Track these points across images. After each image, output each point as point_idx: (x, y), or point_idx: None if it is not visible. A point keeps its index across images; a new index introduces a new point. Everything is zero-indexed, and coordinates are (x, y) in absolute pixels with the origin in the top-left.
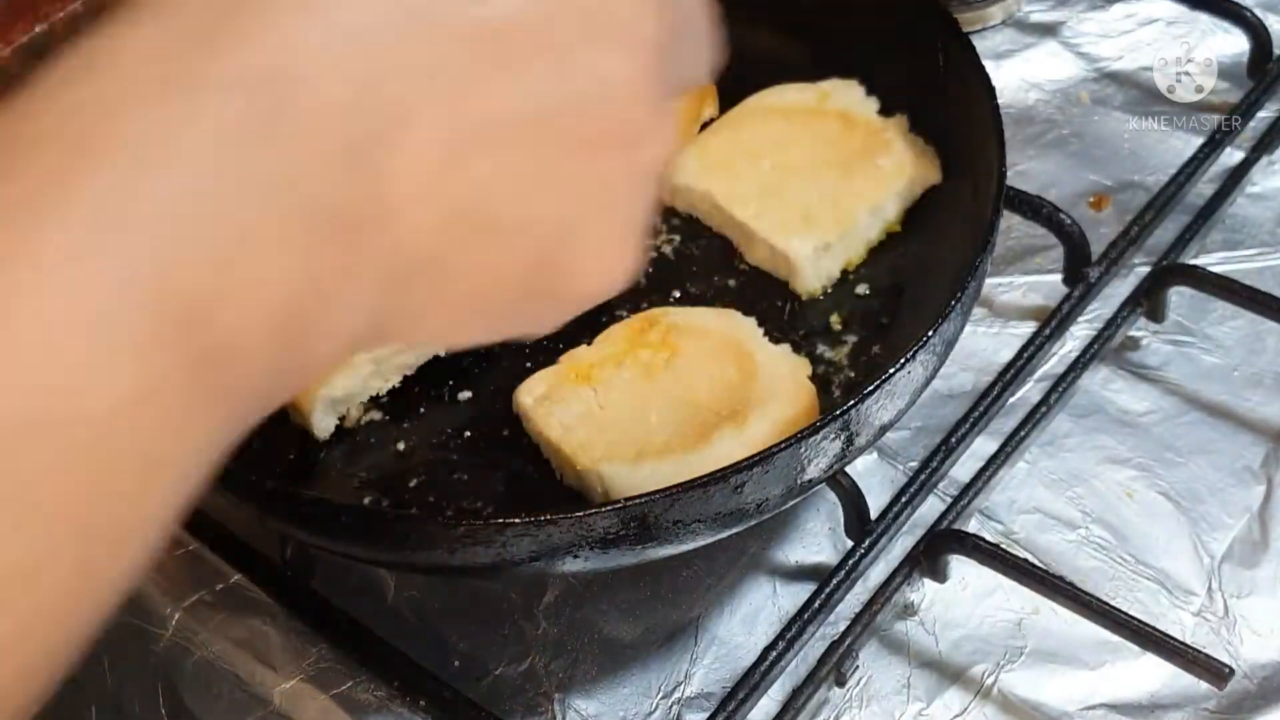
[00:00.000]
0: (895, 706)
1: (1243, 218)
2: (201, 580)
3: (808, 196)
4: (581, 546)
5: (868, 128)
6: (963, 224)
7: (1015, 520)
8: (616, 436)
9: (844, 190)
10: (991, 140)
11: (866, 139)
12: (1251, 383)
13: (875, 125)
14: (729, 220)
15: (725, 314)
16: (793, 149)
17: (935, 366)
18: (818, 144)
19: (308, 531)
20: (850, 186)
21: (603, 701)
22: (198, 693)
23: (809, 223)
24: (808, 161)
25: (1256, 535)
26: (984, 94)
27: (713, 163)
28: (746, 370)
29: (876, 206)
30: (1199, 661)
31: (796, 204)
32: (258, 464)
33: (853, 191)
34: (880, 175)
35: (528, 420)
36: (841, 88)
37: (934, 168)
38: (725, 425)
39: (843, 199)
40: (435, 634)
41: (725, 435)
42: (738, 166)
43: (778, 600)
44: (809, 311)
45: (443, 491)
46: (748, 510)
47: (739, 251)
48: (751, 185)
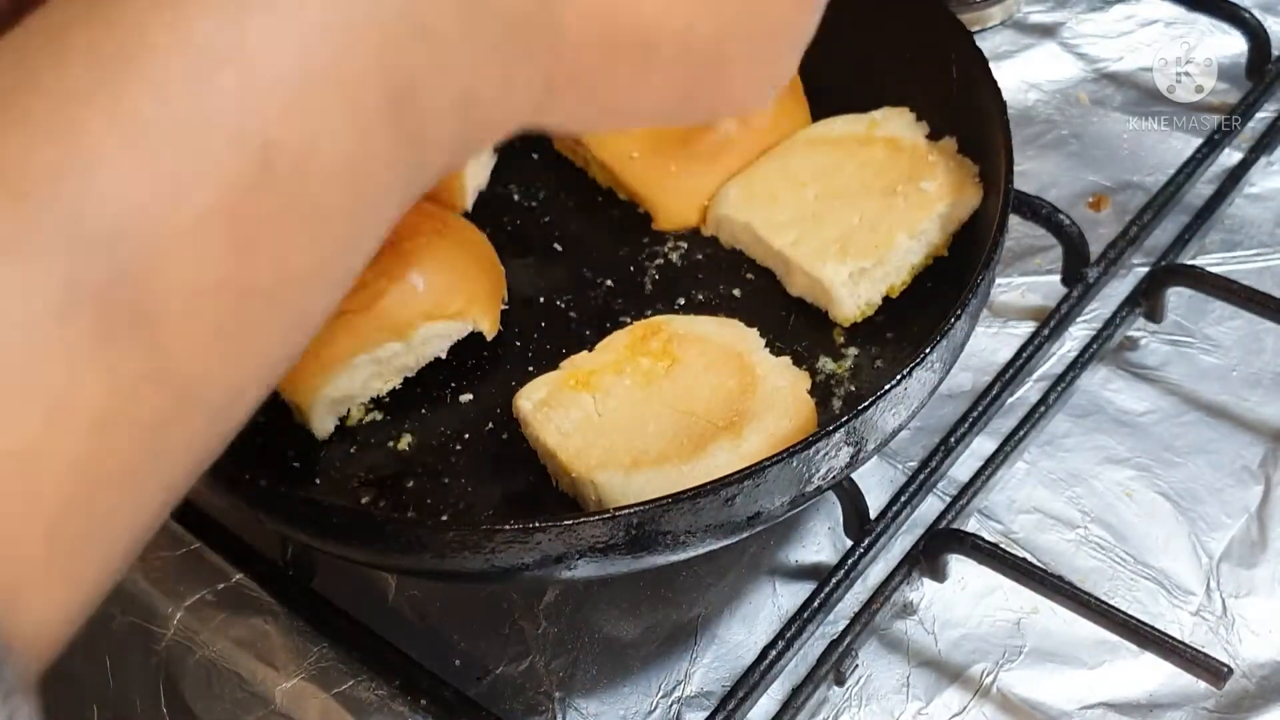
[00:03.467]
0: (894, 705)
1: (1241, 218)
2: (203, 580)
3: (848, 223)
4: (572, 555)
5: (914, 152)
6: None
7: (1014, 520)
8: (612, 444)
9: (885, 215)
10: (1001, 155)
11: (913, 163)
12: (1250, 383)
13: (922, 149)
14: (768, 251)
15: (728, 324)
16: (838, 177)
17: (936, 382)
18: (864, 171)
19: (301, 531)
20: (892, 211)
21: (603, 700)
22: (199, 692)
23: (845, 250)
24: (852, 189)
25: (1255, 535)
26: (995, 109)
27: (755, 194)
28: (746, 382)
29: (917, 230)
30: (1198, 661)
31: (835, 231)
32: (257, 463)
33: (894, 216)
34: (923, 199)
35: (526, 425)
36: (892, 115)
37: (978, 189)
38: (721, 437)
39: (882, 224)
40: (436, 633)
41: (721, 447)
42: (781, 196)
43: (777, 599)
44: (812, 323)
45: (440, 494)
46: (740, 521)
47: (750, 261)
48: (792, 214)
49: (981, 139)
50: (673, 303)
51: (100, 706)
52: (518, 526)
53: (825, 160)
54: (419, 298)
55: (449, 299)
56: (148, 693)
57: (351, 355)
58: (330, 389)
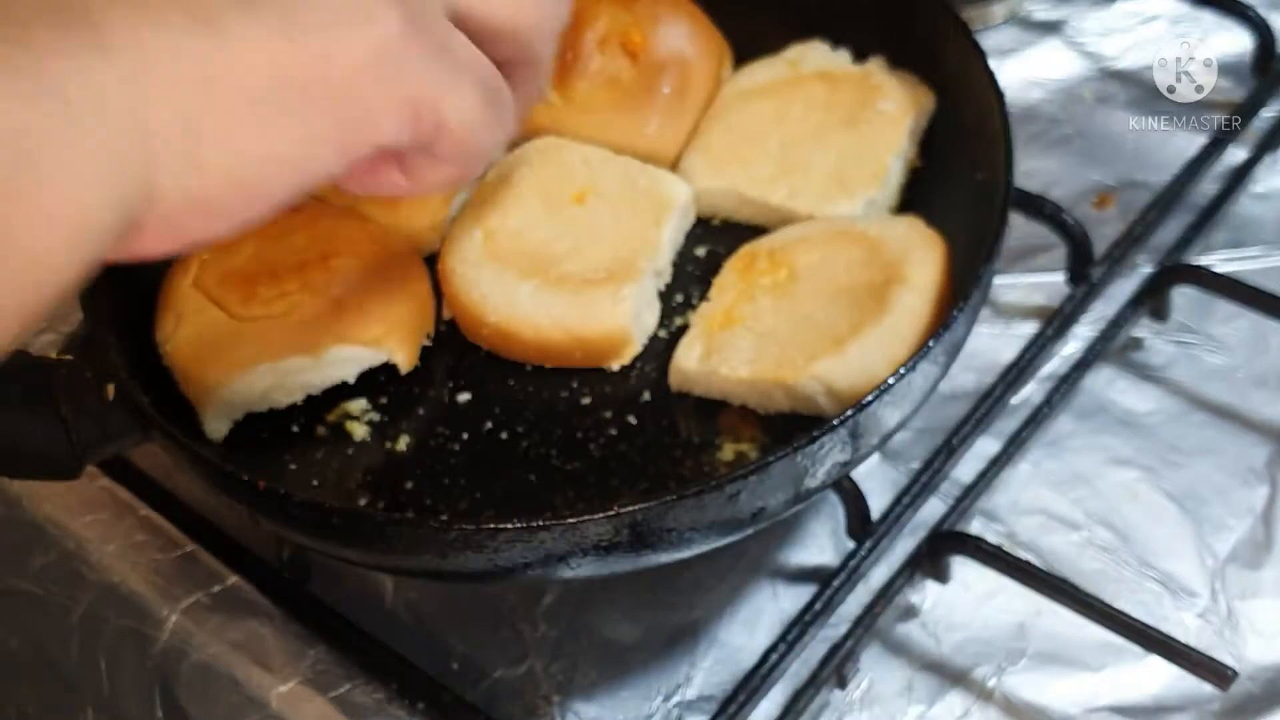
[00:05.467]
0: (897, 709)
1: (1246, 217)
2: (199, 582)
3: (830, 161)
4: (575, 553)
5: (854, 80)
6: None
7: (1018, 521)
8: (801, 342)
9: (862, 144)
10: (1000, 145)
11: (858, 91)
12: (1256, 383)
13: (857, 75)
14: (763, 208)
15: (809, 223)
16: (791, 122)
17: (939, 374)
18: (813, 111)
19: (300, 533)
20: (866, 139)
21: (602, 704)
22: (195, 695)
23: (845, 186)
24: (812, 129)
25: (1260, 537)
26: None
27: (720, 158)
28: (868, 245)
29: (898, 149)
30: (1202, 663)
31: (822, 173)
32: (253, 466)
33: (871, 143)
34: (888, 119)
35: (699, 382)
36: (806, 50)
37: (929, 94)
38: (891, 288)
39: (865, 153)
40: (434, 636)
41: (899, 293)
42: (746, 154)
43: (779, 602)
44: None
45: (439, 494)
46: (744, 518)
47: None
48: (770, 168)
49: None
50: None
51: (95, 710)
52: (521, 525)
53: (768, 109)
54: (336, 318)
55: (366, 325)
56: (143, 696)
57: (255, 362)
58: (228, 392)
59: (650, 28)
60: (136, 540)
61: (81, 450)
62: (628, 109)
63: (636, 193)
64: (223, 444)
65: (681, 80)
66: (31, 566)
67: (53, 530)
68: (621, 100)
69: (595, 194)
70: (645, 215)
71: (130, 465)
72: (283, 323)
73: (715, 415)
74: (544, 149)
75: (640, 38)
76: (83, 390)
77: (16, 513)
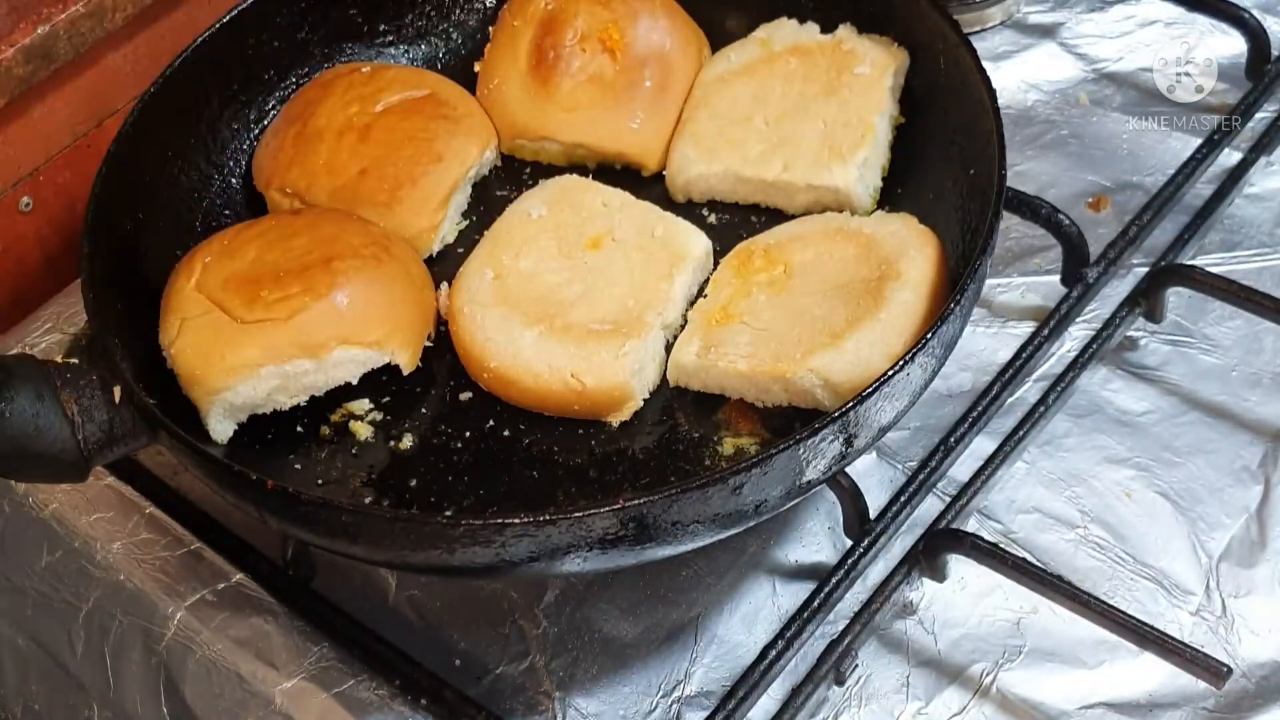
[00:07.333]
0: (894, 705)
1: (1241, 218)
2: (203, 580)
3: (817, 130)
4: (580, 546)
5: (826, 50)
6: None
7: (1014, 520)
8: (798, 337)
9: (847, 109)
10: (994, 142)
11: (833, 59)
12: (1250, 383)
13: (829, 44)
14: (760, 186)
15: (804, 219)
16: (773, 99)
17: (934, 369)
18: (792, 85)
19: (308, 531)
20: (850, 104)
21: (603, 700)
22: (200, 691)
23: (836, 151)
24: (795, 103)
25: (1254, 535)
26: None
27: (709, 144)
28: (863, 242)
29: (882, 108)
30: (1197, 660)
31: (812, 143)
32: (258, 466)
33: (854, 106)
34: (867, 82)
35: (697, 376)
36: (775, 29)
37: (902, 50)
38: (886, 283)
39: (850, 116)
40: (436, 633)
41: (894, 288)
42: (735, 136)
43: (777, 599)
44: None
45: (444, 491)
46: (746, 511)
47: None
48: (761, 146)
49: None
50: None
51: (100, 706)
52: (528, 519)
53: (747, 90)
54: (339, 320)
55: (369, 327)
56: (148, 692)
57: (259, 364)
58: (231, 394)
59: (628, 24)
60: (142, 538)
61: (89, 453)
62: (612, 105)
63: (653, 241)
64: (227, 445)
65: (663, 73)
66: (38, 564)
67: (59, 528)
68: (605, 97)
69: (611, 240)
70: (659, 265)
71: (136, 464)
72: (285, 325)
73: (714, 411)
74: (566, 187)
75: (619, 34)
76: (90, 393)
77: (23, 511)
